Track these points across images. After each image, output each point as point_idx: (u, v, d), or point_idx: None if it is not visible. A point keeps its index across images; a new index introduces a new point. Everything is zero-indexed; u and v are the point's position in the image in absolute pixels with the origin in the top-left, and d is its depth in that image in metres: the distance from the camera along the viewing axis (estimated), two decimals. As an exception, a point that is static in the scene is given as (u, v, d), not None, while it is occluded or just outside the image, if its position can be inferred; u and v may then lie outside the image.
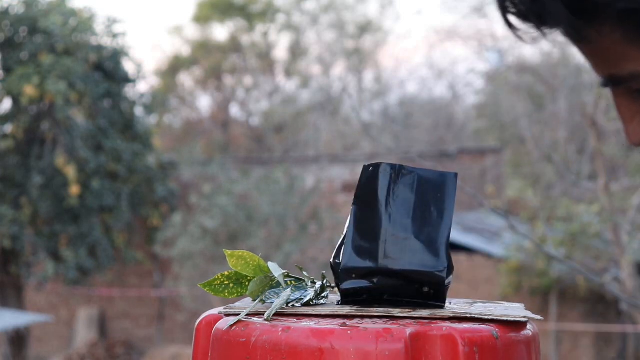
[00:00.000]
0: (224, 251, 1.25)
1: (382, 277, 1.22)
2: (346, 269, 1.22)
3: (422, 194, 1.21)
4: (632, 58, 0.93)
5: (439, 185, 1.22)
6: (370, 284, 1.22)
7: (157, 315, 17.92)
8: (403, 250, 1.21)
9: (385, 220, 1.21)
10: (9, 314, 13.46)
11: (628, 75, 0.95)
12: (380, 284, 1.22)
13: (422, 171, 1.21)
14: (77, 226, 15.38)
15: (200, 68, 25.25)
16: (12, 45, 15.39)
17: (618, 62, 0.94)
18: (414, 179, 1.21)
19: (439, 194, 1.22)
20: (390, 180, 1.21)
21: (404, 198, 1.21)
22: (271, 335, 1.12)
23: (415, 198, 1.21)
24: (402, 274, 1.21)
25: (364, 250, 1.22)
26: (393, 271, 1.21)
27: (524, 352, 1.20)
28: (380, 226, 1.22)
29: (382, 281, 1.22)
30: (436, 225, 1.22)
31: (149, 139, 16.38)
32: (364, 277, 1.22)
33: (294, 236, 15.13)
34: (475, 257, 15.15)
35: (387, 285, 1.22)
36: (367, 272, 1.22)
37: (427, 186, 1.21)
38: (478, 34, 15.29)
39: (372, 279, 1.22)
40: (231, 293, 1.27)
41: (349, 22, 25.42)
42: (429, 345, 1.11)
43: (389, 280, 1.21)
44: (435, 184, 1.22)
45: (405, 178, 1.21)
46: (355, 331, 1.11)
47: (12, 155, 15.39)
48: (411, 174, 1.21)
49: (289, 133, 24.48)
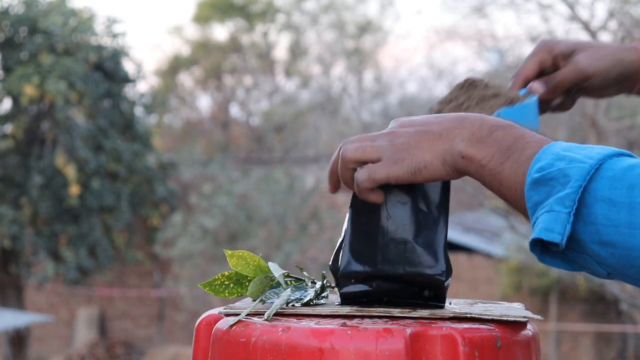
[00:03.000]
0: (224, 251, 1.25)
1: (381, 280, 1.22)
2: (345, 274, 1.23)
3: (418, 196, 1.22)
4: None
5: (435, 187, 1.22)
6: (370, 287, 1.22)
7: (157, 315, 17.93)
8: (401, 254, 1.21)
9: (383, 223, 1.21)
10: (9, 314, 13.47)
11: None
12: (380, 287, 1.22)
13: None
14: (77, 226, 15.39)
15: (200, 68, 25.26)
16: (12, 45, 15.40)
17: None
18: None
19: (434, 195, 1.22)
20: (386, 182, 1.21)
21: (401, 201, 1.21)
22: (271, 335, 1.12)
23: (411, 200, 1.21)
24: (401, 277, 1.21)
25: (362, 255, 1.22)
26: (392, 275, 1.21)
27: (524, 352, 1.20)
28: (377, 229, 1.22)
29: (381, 285, 1.22)
30: (433, 228, 1.23)
31: (149, 139, 16.39)
32: (362, 281, 1.22)
33: (294, 236, 15.14)
34: (475, 257, 15.16)
35: (386, 289, 1.22)
36: (365, 276, 1.22)
37: (423, 188, 1.22)
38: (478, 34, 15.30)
39: (371, 283, 1.22)
40: (231, 293, 1.27)
41: (349, 22, 25.44)
42: (429, 345, 1.11)
43: (388, 284, 1.22)
44: (430, 185, 1.22)
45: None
46: (355, 331, 1.11)
47: (12, 155, 15.40)
48: None
49: (289, 133, 24.50)
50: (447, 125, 1.12)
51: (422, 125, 1.13)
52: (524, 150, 1.06)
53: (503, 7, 13.25)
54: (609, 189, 0.97)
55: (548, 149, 1.04)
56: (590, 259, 1.00)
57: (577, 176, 0.99)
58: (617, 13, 9.23)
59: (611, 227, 0.97)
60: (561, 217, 0.98)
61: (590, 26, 9.80)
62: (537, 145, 1.06)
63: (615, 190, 0.97)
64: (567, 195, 0.99)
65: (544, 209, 1.00)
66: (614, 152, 1.01)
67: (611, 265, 0.99)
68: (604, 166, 0.99)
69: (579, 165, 0.99)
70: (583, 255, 1.00)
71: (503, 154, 1.07)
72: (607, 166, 0.99)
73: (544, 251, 1.02)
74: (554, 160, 1.02)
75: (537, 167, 1.02)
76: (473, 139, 1.09)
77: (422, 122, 1.14)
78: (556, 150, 1.03)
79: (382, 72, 25.82)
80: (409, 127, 1.14)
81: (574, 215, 0.98)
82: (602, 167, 0.99)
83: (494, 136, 1.09)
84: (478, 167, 1.09)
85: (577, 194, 0.98)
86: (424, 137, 1.12)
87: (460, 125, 1.11)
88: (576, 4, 9.95)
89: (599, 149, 1.02)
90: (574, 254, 1.01)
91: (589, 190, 0.98)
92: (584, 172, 0.99)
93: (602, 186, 0.98)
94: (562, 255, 1.02)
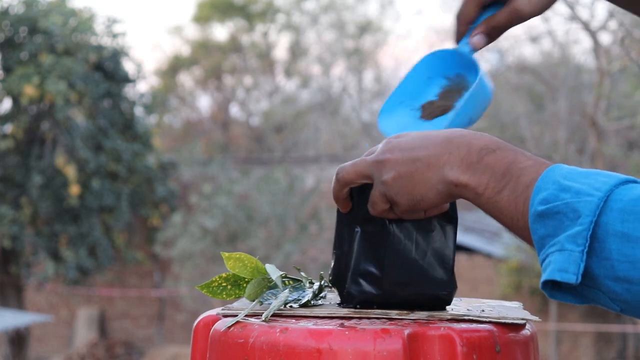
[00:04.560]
0: (221, 254, 1.25)
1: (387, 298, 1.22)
2: (350, 295, 1.23)
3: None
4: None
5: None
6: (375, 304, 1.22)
7: (157, 315, 17.93)
8: (409, 275, 1.21)
9: (390, 243, 1.21)
10: (9, 314, 13.47)
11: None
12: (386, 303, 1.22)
13: None
14: (77, 226, 15.39)
15: (200, 68, 25.26)
16: (12, 45, 15.40)
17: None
18: None
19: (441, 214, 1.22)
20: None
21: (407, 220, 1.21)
22: (269, 336, 1.12)
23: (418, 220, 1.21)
24: (408, 297, 1.21)
25: (368, 276, 1.22)
26: (399, 295, 1.21)
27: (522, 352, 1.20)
28: (384, 250, 1.21)
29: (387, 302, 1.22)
30: (442, 245, 1.22)
31: (149, 139, 16.39)
32: (367, 300, 1.22)
33: (294, 236, 15.14)
34: (475, 257, 15.16)
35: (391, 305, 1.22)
36: (371, 296, 1.22)
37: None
38: (478, 34, 15.30)
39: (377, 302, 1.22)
40: (229, 295, 1.27)
41: (349, 22, 25.42)
42: (427, 346, 1.11)
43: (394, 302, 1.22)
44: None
45: None
46: (353, 331, 1.11)
47: (12, 155, 15.40)
48: None
49: (289, 133, 24.49)
50: (434, 152, 1.10)
51: (409, 151, 1.11)
52: (520, 177, 1.04)
53: (503, 7, 13.19)
54: (620, 223, 0.95)
55: (547, 176, 1.02)
56: (604, 295, 0.98)
57: (586, 211, 0.96)
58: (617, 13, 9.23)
59: (627, 262, 0.95)
60: (574, 256, 0.96)
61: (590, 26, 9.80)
62: (533, 171, 1.03)
63: (628, 224, 0.95)
64: (578, 233, 0.96)
65: (554, 247, 0.98)
66: (619, 180, 0.99)
67: (626, 301, 0.97)
68: (612, 197, 0.97)
69: (587, 199, 0.97)
70: (595, 291, 0.98)
71: (498, 182, 1.05)
72: (616, 197, 0.97)
73: (554, 287, 1.00)
74: (557, 192, 0.99)
75: (540, 198, 1.00)
76: (463, 166, 1.07)
77: (409, 147, 1.12)
78: (557, 178, 1.01)
79: (382, 72, 25.81)
80: (397, 154, 1.12)
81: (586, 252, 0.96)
82: (610, 198, 0.97)
83: (485, 162, 1.07)
84: (474, 195, 1.07)
85: (589, 231, 0.96)
86: (412, 168, 1.10)
87: (447, 151, 1.09)
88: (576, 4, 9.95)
89: (604, 178, 0.99)
90: (586, 290, 0.99)
91: (599, 225, 0.96)
92: (592, 206, 0.96)
93: (614, 219, 0.96)
94: (573, 291, 1.00)
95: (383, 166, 1.12)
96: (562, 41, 14.93)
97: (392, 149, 1.13)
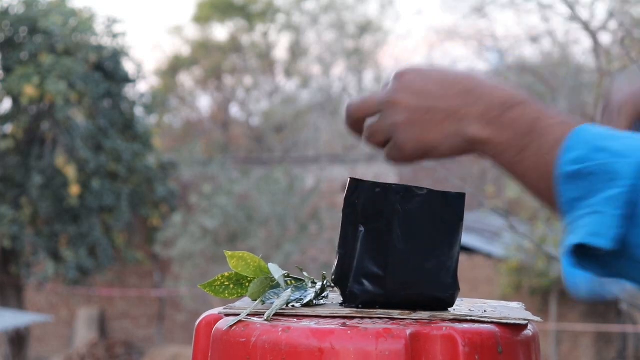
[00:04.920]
0: (224, 252, 1.25)
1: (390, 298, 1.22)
2: (352, 294, 1.23)
3: (429, 217, 1.21)
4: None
5: (447, 207, 1.21)
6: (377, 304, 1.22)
7: (157, 315, 17.93)
8: (412, 276, 1.21)
9: (394, 243, 1.21)
10: (9, 314, 13.46)
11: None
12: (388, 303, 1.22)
13: (430, 192, 1.20)
14: (77, 226, 15.38)
15: (200, 68, 25.25)
16: (12, 45, 15.39)
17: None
18: (421, 201, 1.20)
19: (446, 215, 1.21)
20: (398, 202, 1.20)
21: (412, 221, 1.20)
22: (271, 335, 1.12)
23: (423, 221, 1.20)
24: (411, 297, 1.21)
25: (371, 276, 1.22)
26: (401, 296, 1.21)
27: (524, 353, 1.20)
28: (388, 250, 1.21)
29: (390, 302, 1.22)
30: (445, 249, 1.22)
31: (149, 139, 16.38)
32: (370, 300, 1.22)
33: (294, 236, 15.13)
34: (475, 257, 15.16)
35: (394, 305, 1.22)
36: (374, 296, 1.22)
37: (435, 208, 1.21)
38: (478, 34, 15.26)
39: (379, 302, 1.22)
40: (231, 294, 1.27)
41: (349, 22, 25.42)
42: (429, 345, 1.11)
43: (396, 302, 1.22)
44: (442, 205, 1.21)
45: (413, 200, 1.20)
46: (355, 331, 1.11)
47: (12, 155, 15.40)
48: (419, 195, 1.20)
49: (289, 133, 24.48)
50: (451, 103, 1.02)
51: (424, 97, 1.03)
52: (546, 135, 0.97)
53: (503, 7, 13.24)
54: None
55: (578, 135, 0.94)
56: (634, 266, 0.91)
57: (627, 173, 0.89)
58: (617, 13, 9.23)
59: None
60: (611, 220, 0.89)
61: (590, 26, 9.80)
62: (560, 129, 0.96)
63: None
64: (617, 196, 0.89)
65: (587, 209, 0.90)
66: None
67: None
68: None
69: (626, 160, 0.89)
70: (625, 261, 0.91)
71: (521, 139, 0.98)
72: None
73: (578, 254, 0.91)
74: (591, 152, 0.92)
75: (571, 158, 0.93)
76: (484, 121, 1.00)
77: (424, 93, 1.03)
78: (589, 138, 0.93)
79: (382, 72, 25.80)
80: (411, 98, 1.04)
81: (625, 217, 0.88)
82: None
83: (507, 117, 0.99)
84: (494, 153, 1.00)
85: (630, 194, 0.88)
86: (426, 116, 1.02)
87: (465, 103, 1.01)
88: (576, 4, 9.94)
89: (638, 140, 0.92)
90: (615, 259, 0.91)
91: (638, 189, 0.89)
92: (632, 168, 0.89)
93: None
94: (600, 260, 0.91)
95: (394, 107, 1.05)
96: (562, 41, 14.95)
97: (404, 88, 1.06)
